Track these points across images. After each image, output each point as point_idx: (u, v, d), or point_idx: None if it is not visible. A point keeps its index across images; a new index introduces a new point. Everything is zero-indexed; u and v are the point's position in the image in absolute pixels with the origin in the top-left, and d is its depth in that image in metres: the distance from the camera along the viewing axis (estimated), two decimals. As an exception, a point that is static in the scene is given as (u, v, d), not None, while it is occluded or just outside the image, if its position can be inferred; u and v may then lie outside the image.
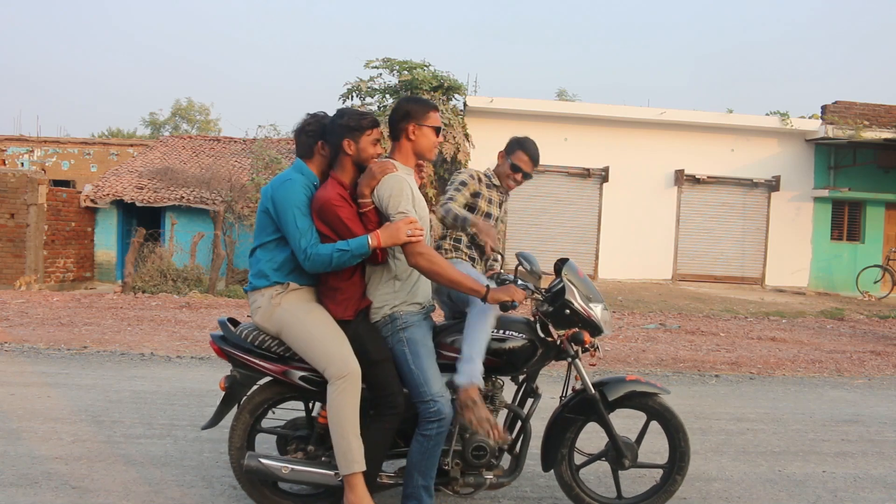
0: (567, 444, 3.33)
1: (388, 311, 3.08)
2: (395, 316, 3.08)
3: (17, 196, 14.62)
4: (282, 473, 3.05)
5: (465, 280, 2.98)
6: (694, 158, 16.70)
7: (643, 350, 8.28)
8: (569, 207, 16.69)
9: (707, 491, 3.87)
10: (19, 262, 14.58)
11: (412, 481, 3.01)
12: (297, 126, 3.19)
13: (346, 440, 2.92)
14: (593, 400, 3.28)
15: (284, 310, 3.04)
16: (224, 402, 3.21)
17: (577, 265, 3.41)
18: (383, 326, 3.09)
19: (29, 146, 22.22)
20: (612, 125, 16.47)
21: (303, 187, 3.04)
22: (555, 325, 3.26)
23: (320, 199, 2.97)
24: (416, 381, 3.00)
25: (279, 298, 3.05)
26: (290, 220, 2.97)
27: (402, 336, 3.05)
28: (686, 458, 3.41)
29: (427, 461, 3.00)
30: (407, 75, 15.16)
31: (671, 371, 7.19)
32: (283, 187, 3.03)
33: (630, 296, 13.66)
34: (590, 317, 3.21)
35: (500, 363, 3.18)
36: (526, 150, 3.70)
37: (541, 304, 3.24)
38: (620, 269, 16.51)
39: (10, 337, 7.41)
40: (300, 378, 3.07)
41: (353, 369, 2.93)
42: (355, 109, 3.13)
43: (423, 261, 2.95)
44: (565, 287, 3.21)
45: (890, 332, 10.82)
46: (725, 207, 17.10)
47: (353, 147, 3.03)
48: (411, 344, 3.05)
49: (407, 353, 3.04)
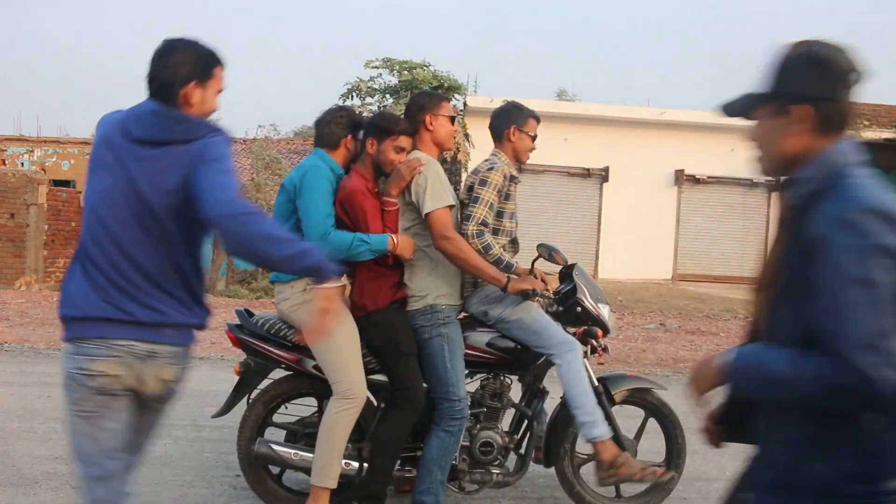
0: (570, 439, 3.36)
1: (431, 301, 3.09)
2: (437, 308, 3.09)
3: (17, 196, 14.61)
4: (292, 460, 3.10)
5: (487, 269, 3.01)
6: (694, 158, 16.68)
7: (643, 350, 8.28)
8: (569, 207, 16.68)
9: (707, 491, 3.87)
10: (19, 262, 14.57)
11: (430, 476, 3.03)
12: (323, 116, 3.21)
13: (329, 455, 2.96)
14: (597, 393, 3.31)
15: (312, 307, 3.03)
16: (236, 390, 3.24)
17: (586, 270, 3.50)
18: (421, 316, 3.09)
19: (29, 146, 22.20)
20: (612, 125, 16.46)
21: (328, 174, 3.08)
22: (565, 323, 3.35)
23: (347, 188, 3.03)
24: (449, 379, 3.03)
25: (311, 294, 3.06)
26: (315, 203, 2.99)
27: (443, 331, 3.07)
28: (683, 455, 3.45)
29: (447, 457, 3.05)
30: (407, 75, 15.16)
31: (671, 371, 7.19)
32: (312, 171, 3.07)
33: (630, 296, 13.66)
34: (599, 316, 3.30)
35: (509, 362, 3.22)
36: (533, 115, 3.53)
37: (550, 305, 3.29)
38: (620, 269, 16.49)
39: (10, 337, 7.40)
40: (314, 367, 3.08)
41: (360, 396, 2.97)
42: (395, 114, 3.23)
43: (451, 246, 2.97)
44: (577, 286, 3.29)
45: (890, 332, 10.82)
46: (725, 207, 17.08)
47: (375, 147, 3.08)
48: (450, 342, 3.08)
49: (445, 350, 3.06)
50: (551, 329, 3.19)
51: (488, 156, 3.40)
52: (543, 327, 3.16)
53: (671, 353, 8.13)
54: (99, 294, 1.96)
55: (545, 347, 3.17)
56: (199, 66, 2.05)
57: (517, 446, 3.35)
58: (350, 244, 2.91)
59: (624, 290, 14.39)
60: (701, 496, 3.79)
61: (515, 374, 3.34)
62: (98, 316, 1.95)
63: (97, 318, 1.95)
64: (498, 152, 3.39)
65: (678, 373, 7.13)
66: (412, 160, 3.07)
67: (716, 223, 17.06)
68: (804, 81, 1.42)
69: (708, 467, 4.24)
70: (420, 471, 3.07)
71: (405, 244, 3.00)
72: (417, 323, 3.11)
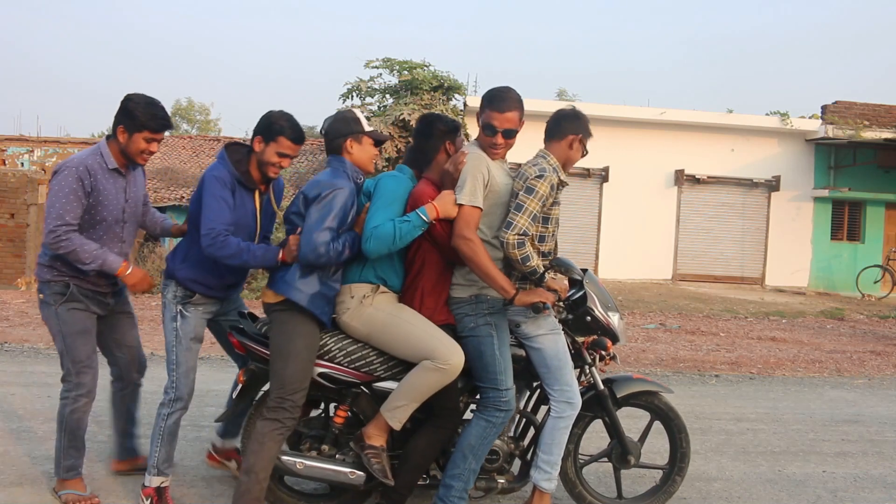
0: (573, 440, 3.36)
1: (477, 290, 3.06)
2: (481, 298, 3.06)
3: (17, 196, 14.61)
4: (296, 468, 3.07)
5: (498, 277, 2.96)
6: (694, 158, 16.68)
7: (643, 350, 8.28)
8: (569, 207, 16.64)
9: (707, 491, 3.87)
10: (19, 262, 14.57)
11: (465, 463, 3.03)
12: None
13: (406, 403, 2.96)
14: (602, 396, 3.31)
15: (378, 308, 3.03)
16: (240, 396, 3.20)
17: (597, 277, 3.45)
18: (466, 305, 3.07)
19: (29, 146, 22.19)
20: (612, 125, 16.45)
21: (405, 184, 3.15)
22: (575, 332, 3.33)
23: (415, 195, 3.07)
24: (498, 367, 3.01)
25: (371, 299, 3.05)
26: (381, 203, 3.01)
27: (490, 320, 3.05)
28: (686, 459, 3.44)
29: (484, 446, 3.05)
30: (407, 75, 15.16)
31: (671, 371, 7.19)
32: (392, 178, 3.14)
33: (630, 296, 13.66)
34: (609, 325, 3.28)
35: (518, 369, 3.19)
36: (588, 126, 3.31)
37: (560, 312, 3.25)
38: (620, 269, 16.49)
39: (10, 337, 7.40)
40: (318, 374, 3.05)
41: (456, 363, 2.94)
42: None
43: (466, 247, 2.93)
44: (587, 295, 3.26)
45: (890, 332, 10.83)
46: (725, 207, 17.08)
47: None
48: (499, 330, 3.06)
49: (494, 338, 3.03)
50: (566, 374, 3.14)
51: (534, 157, 3.18)
52: (559, 368, 3.12)
53: (671, 353, 8.13)
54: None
55: (549, 386, 3.15)
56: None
57: (523, 453, 3.34)
58: (393, 230, 2.90)
59: (624, 290, 14.38)
60: (701, 496, 3.80)
61: (523, 380, 3.30)
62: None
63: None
64: (548, 154, 3.18)
65: (678, 373, 7.13)
66: (457, 155, 3.08)
67: (716, 223, 17.05)
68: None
69: (708, 467, 4.24)
70: (454, 456, 3.06)
71: (443, 205, 2.97)
72: (462, 311, 3.07)
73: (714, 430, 5.05)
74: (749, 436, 4.97)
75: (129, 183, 3.32)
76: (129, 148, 3.19)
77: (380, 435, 3.01)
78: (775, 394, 6.41)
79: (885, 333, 10.69)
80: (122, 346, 3.53)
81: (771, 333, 10.07)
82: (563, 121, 3.24)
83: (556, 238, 3.28)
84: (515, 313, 3.12)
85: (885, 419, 5.61)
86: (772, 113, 16.83)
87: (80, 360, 3.24)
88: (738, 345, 9.04)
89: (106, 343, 3.51)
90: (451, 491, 3.05)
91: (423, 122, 3.26)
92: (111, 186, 3.21)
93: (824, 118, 16.74)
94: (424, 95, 14.92)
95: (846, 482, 4.12)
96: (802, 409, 5.86)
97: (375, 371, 3.08)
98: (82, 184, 3.10)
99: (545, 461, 3.15)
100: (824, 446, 4.81)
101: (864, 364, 8.05)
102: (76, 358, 3.24)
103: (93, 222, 3.19)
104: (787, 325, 11.23)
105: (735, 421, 5.35)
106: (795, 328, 10.93)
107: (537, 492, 3.20)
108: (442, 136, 3.17)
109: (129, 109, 3.14)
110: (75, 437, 3.30)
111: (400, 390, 2.98)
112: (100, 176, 3.17)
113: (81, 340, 3.25)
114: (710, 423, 5.26)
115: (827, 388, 6.79)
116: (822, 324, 11.60)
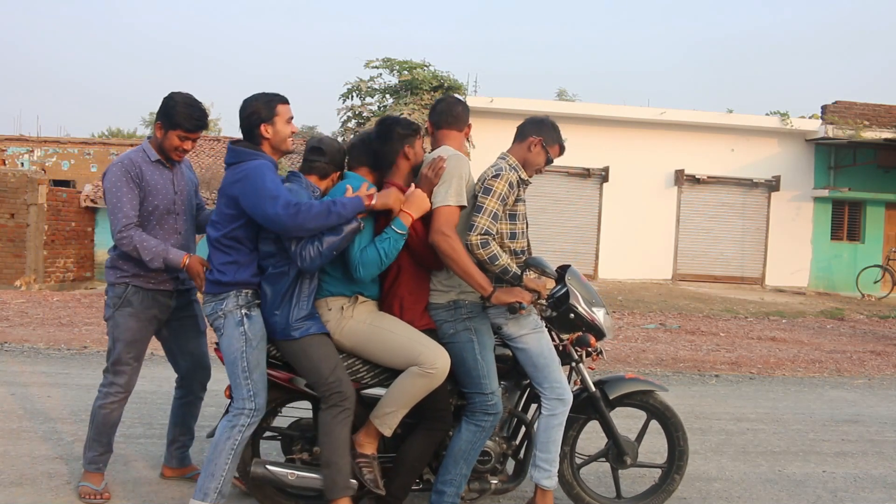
0: (569, 441, 3.35)
1: (455, 296, 3.07)
2: (459, 304, 3.07)
3: (17, 196, 14.61)
4: (288, 480, 3.06)
5: (476, 275, 2.96)
6: (694, 158, 16.68)
7: (643, 350, 8.28)
8: (569, 207, 16.67)
9: (707, 491, 3.87)
10: (19, 262, 14.57)
11: (456, 469, 3.03)
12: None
13: (395, 409, 2.96)
14: (594, 398, 3.30)
15: (359, 320, 3.03)
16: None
17: (579, 271, 3.43)
18: (445, 311, 3.07)
19: (29, 146, 22.19)
20: (612, 125, 16.45)
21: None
22: (559, 329, 3.31)
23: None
24: (481, 372, 3.01)
25: (350, 310, 3.05)
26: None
27: (469, 325, 3.05)
28: (685, 457, 3.44)
29: (474, 451, 3.05)
30: (407, 75, 15.17)
31: (671, 371, 7.19)
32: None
33: (630, 296, 13.66)
34: (593, 321, 3.26)
35: (505, 369, 3.19)
36: (562, 144, 3.38)
37: (544, 310, 3.24)
38: (620, 269, 16.49)
39: (10, 337, 7.40)
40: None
41: (442, 366, 2.93)
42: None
43: (445, 243, 2.92)
44: (569, 292, 3.23)
45: (890, 332, 10.83)
46: (725, 207, 17.08)
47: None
48: (479, 334, 3.06)
49: (475, 343, 3.03)
50: (553, 371, 3.14)
51: (496, 159, 3.28)
52: (545, 365, 3.12)
53: (671, 353, 8.13)
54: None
55: (539, 384, 3.15)
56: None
57: (515, 452, 3.33)
58: (377, 253, 2.90)
59: (624, 290, 14.38)
60: (701, 496, 3.80)
61: (512, 380, 3.30)
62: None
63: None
64: (507, 155, 3.27)
65: (678, 373, 7.13)
66: (436, 160, 3.04)
67: (715, 223, 17.04)
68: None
69: (708, 467, 4.24)
70: (445, 461, 3.06)
71: (416, 206, 2.96)
72: (441, 318, 3.08)
73: (714, 430, 5.05)
74: (749, 436, 4.97)
75: (176, 175, 3.45)
76: (164, 144, 3.32)
77: (370, 442, 3.02)
78: (775, 394, 6.41)
79: (885, 333, 10.69)
80: (184, 353, 3.58)
81: (771, 333, 10.07)
82: (527, 125, 3.35)
83: (527, 236, 3.29)
84: (496, 315, 3.13)
85: (885, 419, 5.61)
86: (772, 113, 16.82)
87: (121, 363, 3.35)
88: (738, 345, 9.04)
89: (169, 348, 3.59)
90: (443, 497, 3.06)
91: (382, 126, 3.18)
92: (158, 177, 3.35)
93: (824, 118, 16.73)
94: (424, 95, 14.92)
95: (846, 482, 4.12)
96: (802, 409, 5.86)
97: (363, 379, 3.07)
98: (130, 175, 3.25)
99: (543, 459, 3.16)
100: (824, 446, 4.81)
101: (864, 364, 8.05)
102: (118, 360, 3.35)
103: (146, 214, 3.31)
104: (787, 325, 11.23)
105: (735, 421, 5.35)
106: (795, 328, 10.93)
107: (540, 490, 3.22)
108: (401, 140, 3.12)
109: (167, 107, 3.26)
110: (101, 433, 3.37)
111: (388, 397, 2.98)
112: (144, 167, 3.30)
113: (128, 347, 3.34)
114: (710, 423, 5.26)
115: (827, 388, 6.79)
116: (822, 324, 11.60)
